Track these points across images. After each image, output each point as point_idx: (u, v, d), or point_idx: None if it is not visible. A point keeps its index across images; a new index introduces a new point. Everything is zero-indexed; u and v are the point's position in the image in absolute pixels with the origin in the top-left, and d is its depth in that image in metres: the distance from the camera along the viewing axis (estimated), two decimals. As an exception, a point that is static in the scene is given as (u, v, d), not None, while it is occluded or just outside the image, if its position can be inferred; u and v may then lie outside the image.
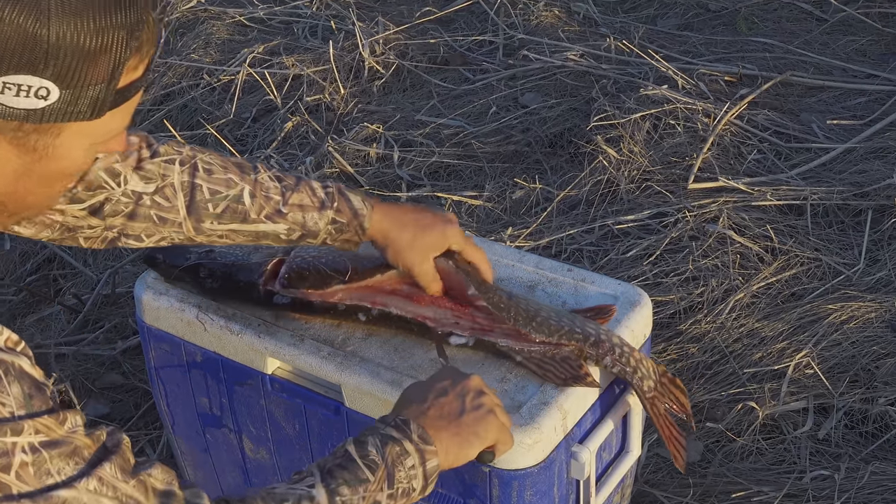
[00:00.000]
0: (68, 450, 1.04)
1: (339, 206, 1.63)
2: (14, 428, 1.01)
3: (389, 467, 1.31)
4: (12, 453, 1.00)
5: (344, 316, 1.71)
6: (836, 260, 2.74)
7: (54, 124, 1.08)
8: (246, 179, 1.60)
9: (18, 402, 1.03)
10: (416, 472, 1.33)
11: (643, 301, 1.78)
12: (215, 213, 1.58)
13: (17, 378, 1.04)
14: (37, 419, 1.03)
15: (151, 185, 1.54)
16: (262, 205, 1.60)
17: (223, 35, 4.23)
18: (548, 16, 4.08)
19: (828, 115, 3.40)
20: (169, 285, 1.83)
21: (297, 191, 1.62)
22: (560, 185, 3.13)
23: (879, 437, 2.29)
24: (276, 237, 1.63)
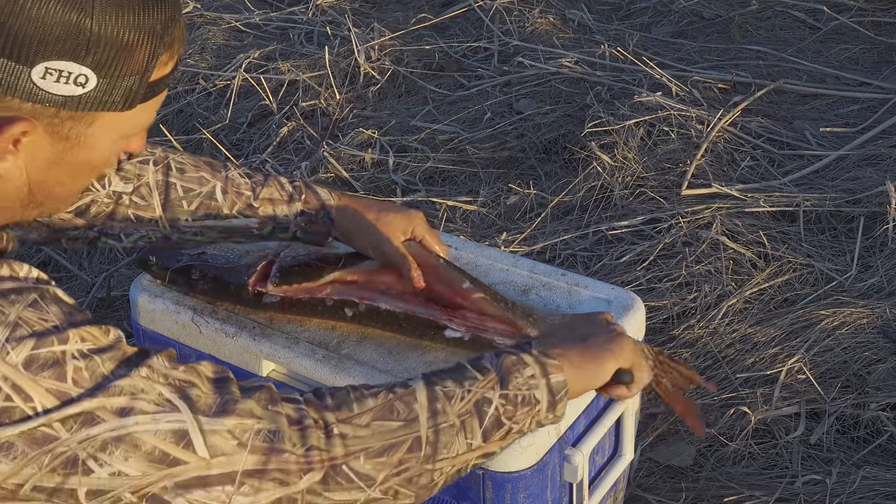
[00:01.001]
0: (117, 354, 1.08)
1: (307, 198, 1.68)
2: (60, 337, 1.04)
3: (502, 372, 1.26)
4: (63, 361, 1.04)
5: (331, 312, 1.72)
6: (829, 266, 2.75)
7: (88, 113, 1.11)
8: (217, 177, 1.65)
9: (60, 317, 1.06)
10: (537, 383, 1.27)
11: (636, 306, 1.79)
12: (190, 210, 1.63)
13: (54, 301, 1.08)
14: (81, 328, 1.07)
15: (129, 184, 1.60)
16: (234, 200, 1.65)
17: (219, 40, 4.24)
18: (542, 23, 4.09)
19: (821, 122, 3.41)
20: (164, 288, 1.84)
21: (267, 185, 1.67)
22: (554, 190, 3.14)
23: (871, 443, 2.30)
24: (248, 231, 1.68)
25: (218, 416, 1.08)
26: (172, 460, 1.06)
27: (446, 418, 1.20)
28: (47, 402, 1.02)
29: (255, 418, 1.10)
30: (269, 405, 1.12)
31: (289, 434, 1.11)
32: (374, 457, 1.16)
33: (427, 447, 1.19)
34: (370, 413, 1.17)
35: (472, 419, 1.22)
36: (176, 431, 1.06)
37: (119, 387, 1.05)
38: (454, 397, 1.22)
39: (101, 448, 1.03)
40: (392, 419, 1.18)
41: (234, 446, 1.08)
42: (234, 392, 1.12)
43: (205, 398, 1.09)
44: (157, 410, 1.06)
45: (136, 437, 1.04)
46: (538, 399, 1.27)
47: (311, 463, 1.12)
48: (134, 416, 1.04)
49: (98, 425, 1.03)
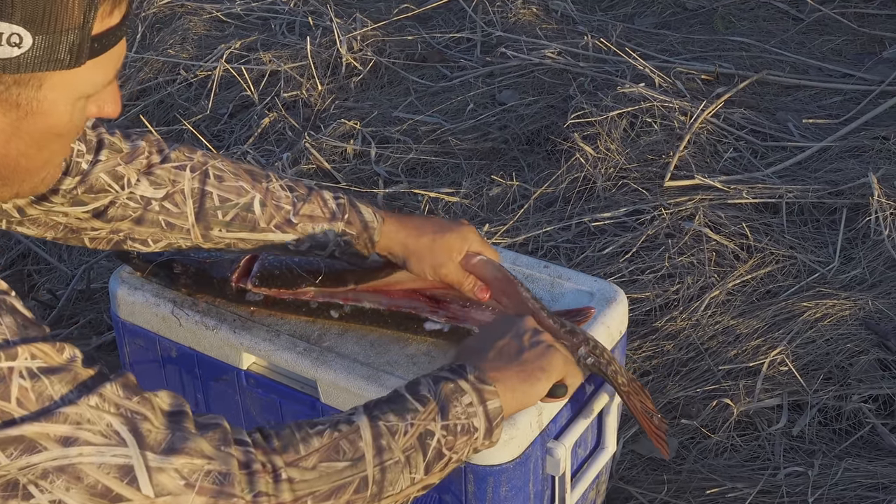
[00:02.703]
0: (68, 376, 1.04)
1: (350, 218, 1.61)
2: (8, 353, 1.00)
3: (442, 401, 1.24)
4: (9, 379, 0.99)
5: (316, 313, 1.71)
6: (811, 258, 2.75)
7: (34, 75, 1.06)
8: (257, 188, 1.58)
9: (12, 330, 1.02)
10: (475, 411, 1.26)
11: (619, 298, 1.79)
12: (224, 221, 1.57)
13: (10, 312, 1.03)
14: (32, 344, 1.02)
15: (161, 190, 1.53)
16: (273, 214, 1.58)
17: (200, 31, 4.21)
18: (526, 13, 4.08)
19: (803, 113, 3.42)
20: (144, 280, 1.83)
21: (309, 201, 1.60)
22: (537, 182, 3.13)
23: (853, 434, 2.31)
24: (283, 247, 1.61)
25: (167, 453, 1.05)
26: (115, 496, 1.03)
27: (391, 455, 1.20)
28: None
29: (205, 458, 1.07)
30: (222, 446, 1.10)
31: (238, 478, 1.09)
32: (322, 500, 1.14)
33: (373, 486, 1.18)
34: (316, 454, 1.16)
35: (417, 454, 1.22)
36: (121, 466, 1.03)
37: (65, 414, 1.01)
38: (398, 432, 1.21)
39: (42, 476, 1.00)
40: (338, 459, 1.16)
41: (181, 486, 1.05)
42: (187, 428, 1.09)
43: (155, 433, 1.06)
44: (103, 443, 1.02)
45: (79, 468, 1.01)
46: (476, 427, 1.27)
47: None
48: (78, 447, 1.01)
49: (39, 453, 1.00)
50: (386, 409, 1.23)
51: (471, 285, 1.62)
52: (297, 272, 1.70)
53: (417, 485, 1.23)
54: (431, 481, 1.25)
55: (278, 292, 1.71)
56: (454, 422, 1.24)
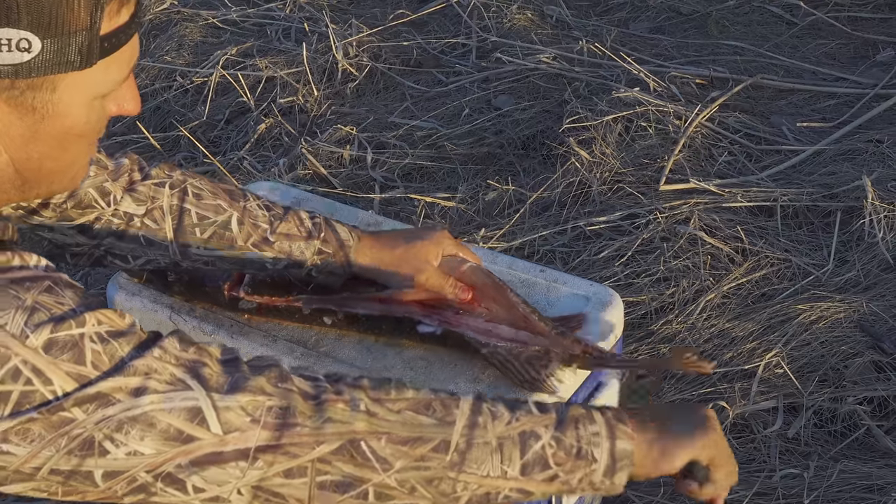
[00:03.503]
0: (133, 339, 1.07)
1: (326, 237, 1.62)
2: (78, 320, 1.04)
3: (564, 417, 1.18)
4: (82, 344, 1.04)
5: (309, 320, 1.71)
6: (806, 261, 2.76)
7: (47, 78, 1.07)
8: (235, 206, 1.59)
9: (75, 300, 1.06)
10: (599, 441, 1.18)
11: (615, 302, 1.79)
12: (202, 239, 1.58)
13: (68, 286, 1.08)
14: (97, 311, 1.06)
15: (142, 207, 1.55)
16: (250, 232, 1.59)
17: (196, 37, 4.22)
18: (521, 19, 4.09)
19: (798, 117, 3.43)
20: (142, 286, 1.83)
21: (285, 220, 1.61)
22: (533, 186, 3.14)
23: (848, 436, 2.32)
24: (261, 266, 1.62)
25: (230, 392, 1.08)
26: (187, 437, 1.06)
27: (484, 434, 1.15)
28: (67, 386, 1.02)
29: (266, 395, 1.10)
30: (280, 382, 1.12)
31: (301, 408, 1.10)
32: (396, 443, 1.12)
33: (454, 454, 1.14)
34: (405, 402, 1.15)
35: (513, 447, 1.16)
36: (190, 409, 1.06)
37: (134, 367, 1.05)
38: (499, 419, 1.16)
39: (118, 428, 1.03)
40: (426, 415, 1.14)
41: (247, 422, 1.08)
42: (244, 371, 1.11)
43: (216, 377, 1.09)
44: (169, 389, 1.06)
45: (150, 415, 1.04)
46: (596, 458, 1.18)
47: (325, 434, 1.10)
48: (148, 396, 1.04)
49: (114, 406, 1.03)
50: (499, 400, 1.19)
51: (451, 287, 1.63)
52: (289, 280, 1.71)
53: (510, 482, 1.16)
54: (529, 487, 1.17)
55: (270, 300, 1.71)
56: (570, 441, 1.17)
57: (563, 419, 1.18)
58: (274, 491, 1.10)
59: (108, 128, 1.29)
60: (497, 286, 1.64)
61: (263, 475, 1.09)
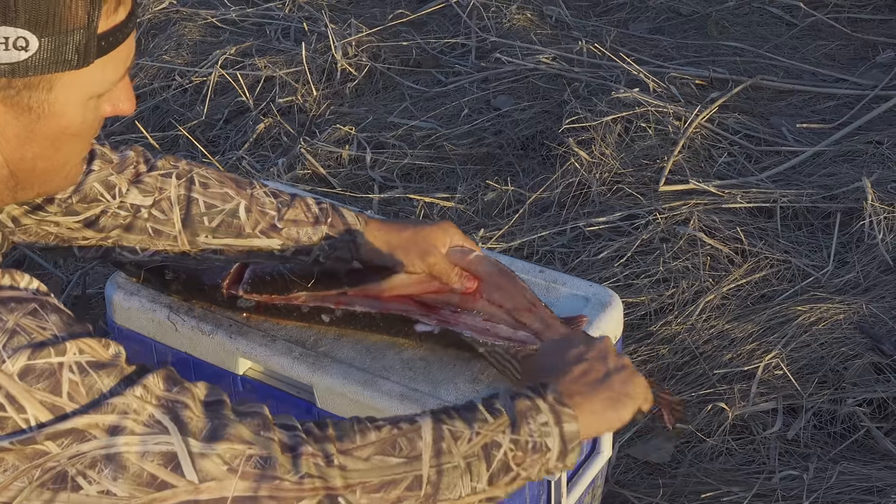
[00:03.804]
0: (115, 371, 1.05)
1: (333, 222, 1.62)
2: (58, 348, 1.02)
3: (515, 416, 1.21)
4: (59, 373, 1.02)
5: (308, 318, 1.71)
6: (806, 262, 2.76)
7: (44, 77, 1.07)
8: (242, 194, 1.59)
9: (59, 327, 1.04)
10: (549, 430, 1.22)
11: (614, 302, 1.79)
12: (210, 227, 1.58)
13: (55, 310, 1.05)
14: (79, 339, 1.04)
15: (149, 198, 1.54)
16: (258, 220, 1.59)
17: (195, 36, 4.22)
18: (520, 19, 4.09)
19: (797, 118, 3.42)
20: (140, 286, 1.83)
21: (293, 206, 1.61)
22: (532, 187, 3.14)
23: (847, 438, 2.31)
24: (269, 253, 1.62)
25: (209, 440, 1.06)
26: (161, 483, 1.04)
27: (451, 459, 1.17)
28: (41, 416, 1.00)
29: (246, 444, 1.08)
30: (262, 431, 1.10)
31: (281, 461, 1.09)
32: (371, 492, 1.13)
33: (428, 486, 1.15)
34: (372, 447, 1.15)
35: (479, 462, 1.18)
36: (165, 454, 1.04)
37: (112, 404, 1.03)
38: (461, 438, 1.18)
39: (91, 465, 1.02)
40: (393, 455, 1.15)
41: (224, 471, 1.06)
42: (226, 416, 1.09)
43: (196, 421, 1.07)
44: (146, 432, 1.04)
45: (124, 457, 1.02)
46: (549, 447, 1.23)
47: (304, 490, 1.09)
48: (124, 437, 1.03)
49: (88, 442, 1.01)
50: (454, 416, 1.21)
51: (457, 275, 1.63)
52: (288, 278, 1.70)
53: (479, 494, 1.19)
54: (496, 494, 1.21)
55: (269, 298, 1.71)
56: (525, 438, 1.21)
57: (514, 419, 1.21)
58: None
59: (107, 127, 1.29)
60: (504, 273, 1.65)
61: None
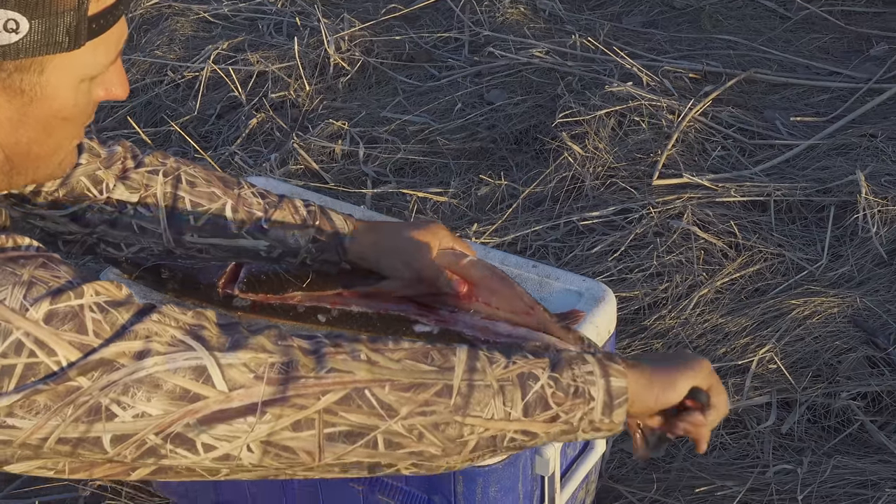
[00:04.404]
0: (132, 307, 1.08)
1: (321, 224, 1.62)
2: (76, 292, 1.05)
3: (558, 359, 1.20)
4: (82, 314, 1.04)
5: (304, 318, 1.70)
6: (799, 256, 2.76)
7: (35, 59, 1.08)
8: (229, 194, 1.59)
9: (71, 274, 1.07)
10: (594, 380, 1.20)
11: (608, 297, 1.79)
12: (196, 227, 1.58)
13: (62, 263, 1.08)
14: (94, 283, 1.07)
15: (136, 194, 1.55)
16: (244, 220, 1.59)
17: (187, 31, 4.20)
18: (513, 13, 4.08)
19: (791, 112, 3.42)
20: (132, 283, 1.82)
21: (280, 208, 1.61)
22: (525, 181, 3.13)
23: (841, 432, 2.31)
24: (255, 253, 1.62)
25: (232, 350, 1.08)
26: (193, 396, 1.06)
27: (483, 377, 1.15)
28: (71, 355, 1.02)
29: (267, 352, 1.10)
30: (279, 340, 1.12)
31: (303, 362, 1.10)
32: (399, 390, 1.12)
33: (458, 398, 1.14)
34: (404, 352, 1.15)
35: (514, 388, 1.17)
36: (194, 368, 1.06)
37: (135, 332, 1.05)
38: (496, 363, 1.17)
39: (124, 391, 1.03)
40: (425, 362, 1.15)
41: (251, 378, 1.08)
42: (242, 331, 1.12)
43: (216, 337, 1.09)
44: (171, 350, 1.06)
45: (155, 377, 1.04)
46: (593, 396, 1.20)
47: (329, 384, 1.10)
48: (151, 358, 1.05)
49: (118, 370, 1.03)
50: (493, 348, 1.20)
51: (446, 280, 1.62)
52: (284, 277, 1.70)
53: (514, 423, 1.17)
54: (533, 429, 1.18)
55: (265, 297, 1.70)
56: (567, 381, 1.19)
57: (556, 361, 1.20)
58: (283, 445, 1.09)
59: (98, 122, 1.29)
60: (500, 277, 1.64)
61: (272, 429, 1.08)
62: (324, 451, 1.11)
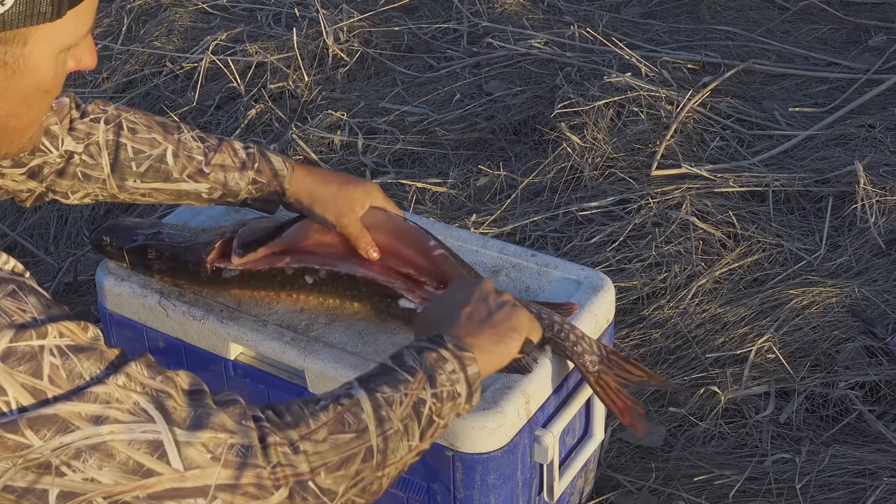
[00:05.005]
0: (95, 355, 1.05)
1: (260, 167, 1.67)
2: (39, 331, 1.02)
3: (429, 370, 1.28)
4: (41, 356, 1.01)
5: (292, 280, 1.71)
6: (798, 246, 2.76)
7: (18, 31, 1.07)
8: (169, 139, 1.64)
9: (38, 309, 1.04)
10: (457, 377, 1.30)
11: (606, 287, 1.79)
12: (139, 172, 1.62)
13: (32, 292, 1.05)
14: (59, 322, 1.04)
15: (81, 144, 1.58)
16: (185, 164, 1.64)
17: (186, 22, 4.20)
18: (512, 3, 4.08)
19: (790, 102, 3.42)
20: (131, 272, 1.82)
21: (220, 151, 1.66)
22: (524, 171, 3.13)
23: (839, 421, 2.32)
24: (197, 196, 1.67)
25: (193, 429, 1.07)
26: (146, 471, 1.04)
27: (392, 424, 1.22)
28: (22, 399, 0.99)
29: (228, 433, 1.09)
30: (242, 420, 1.12)
31: (258, 449, 1.11)
32: (333, 471, 1.16)
33: (378, 455, 1.21)
34: (325, 428, 1.18)
35: (413, 422, 1.24)
36: (151, 442, 1.05)
37: (95, 393, 1.03)
38: (394, 403, 1.23)
39: (75, 456, 1.01)
40: (345, 431, 1.19)
41: (208, 459, 1.07)
42: (208, 405, 1.11)
43: (179, 410, 1.08)
44: (131, 420, 1.04)
45: (110, 446, 1.03)
46: (459, 392, 1.30)
47: (278, 479, 1.12)
48: (108, 425, 1.03)
49: (72, 433, 1.01)
50: (380, 382, 1.25)
51: (365, 243, 1.68)
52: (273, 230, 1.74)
53: (413, 451, 1.26)
54: (424, 447, 1.28)
55: (261, 255, 1.71)
56: (441, 389, 1.28)
57: (430, 374, 1.28)
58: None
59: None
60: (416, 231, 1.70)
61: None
62: None
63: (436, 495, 1.62)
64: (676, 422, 2.33)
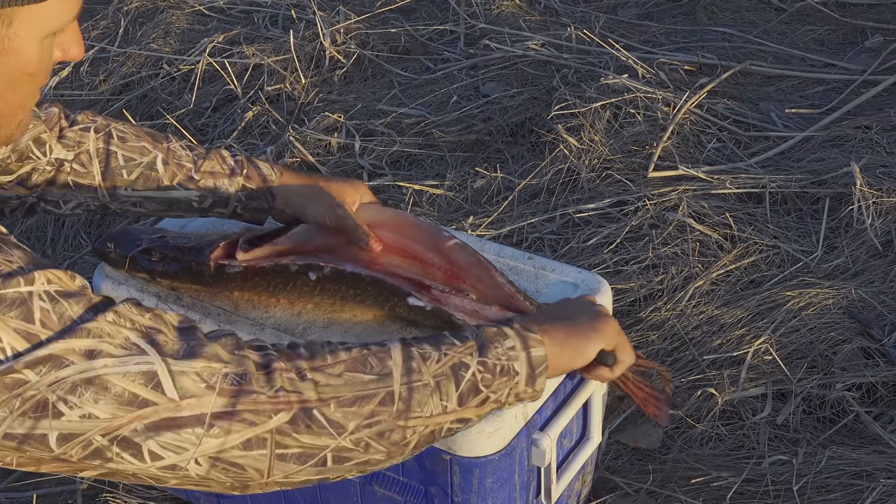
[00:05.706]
0: (84, 300, 1.07)
1: (249, 173, 1.68)
2: (27, 278, 1.04)
3: (482, 340, 1.26)
4: (30, 301, 1.03)
5: (295, 277, 1.71)
6: (795, 247, 2.76)
7: (3, 11, 1.08)
8: (159, 147, 1.65)
9: (24, 259, 1.06)
10: (517, 355, 1.27)
11: (603, 289, 1.79)
12: (129, 180, 1.63)
13: (16, 247, 1.07)
14: (47, 270, 1.06)
15: (71, 152, 1.59)
16: (175, 172, 1.65)
17: (183, 24, 4.20)
18: (509, 5, 4.08)
19: (786, 103, 3.42)
20: (128, 275, 1.82)
21: (208, 158, 1.67)
22: (521, 173, 3.13)
23: (837, 423, 2.32)
24: (188, 205, 1.68)
25: (186, 358, 1.08)
26: (142, 401, 1.05)
27: (420, 377, 1.20)
28: (16, 344, 1.01)
29: (221, 362, 1.10)
30: (236, 350, 1.13)
31: (256, 376, 1.11)
32: (345, 406, 1.15)
33: (399, 403, 1.18)
34: (343, 364, 1.17)
35: (448, 382, 1.22)
36: (145, 373, 1.06)
37: (86, 329, 1.04)
38: (429, 359, 1.21)
39: (71, 390, 1.03)
40: (365, 372, 1.17)
41: (202, 388, 1.08)
42: (199, 338, 1.12)
43: (171, 343, 1.09)
44: (124, 354, 1.05)
45: (105, 379, 1.04)
46: (517, 370, 1.26)
47: (279, 403, 1.11)
48: (102, 359, 1.04)
49: (67, 367, 1.02)
50: (422, 341, 1.24)
51: (364, 234, 1.68)
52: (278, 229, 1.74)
53: (451, 415, 1.23)
54: (466, 415, 1.24)
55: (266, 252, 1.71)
56: (493, 361, 1.24)
57: (482, 343, 1.25)
58: (232, 461, 1.10)
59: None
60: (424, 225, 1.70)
61: (221, 445, 1.09)
62: (273, 470, 1.12)
63: (433, 499, 1.62)
64: (674, 423, 2.33)
